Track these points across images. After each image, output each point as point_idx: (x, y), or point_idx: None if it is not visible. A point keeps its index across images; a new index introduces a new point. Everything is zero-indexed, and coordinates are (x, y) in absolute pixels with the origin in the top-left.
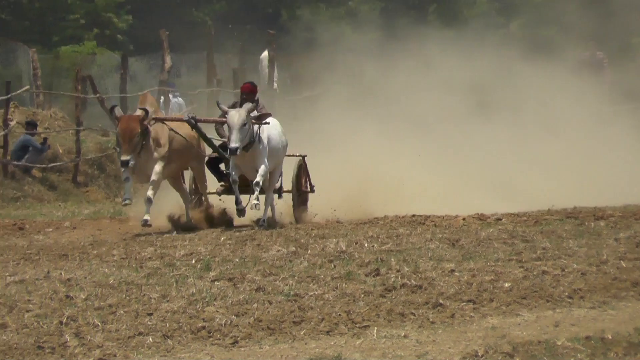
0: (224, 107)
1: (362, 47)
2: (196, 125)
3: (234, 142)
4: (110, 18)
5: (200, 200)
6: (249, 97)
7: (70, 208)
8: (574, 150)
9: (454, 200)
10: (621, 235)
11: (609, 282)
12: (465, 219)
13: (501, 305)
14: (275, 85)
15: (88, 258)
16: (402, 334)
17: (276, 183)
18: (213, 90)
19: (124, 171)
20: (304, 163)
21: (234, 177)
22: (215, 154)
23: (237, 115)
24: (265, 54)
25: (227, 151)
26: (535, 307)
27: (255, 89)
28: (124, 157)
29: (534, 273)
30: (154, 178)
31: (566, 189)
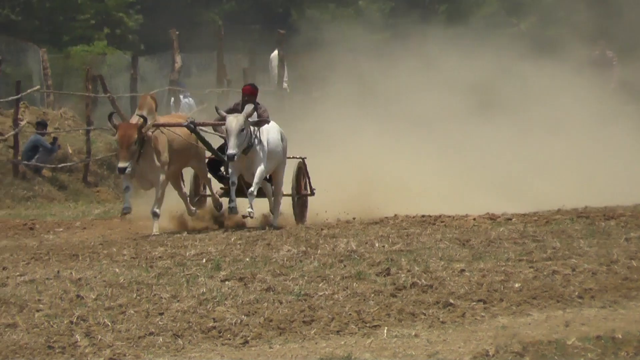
0: (222, 113)
1: (372, 47)
2: (195, 129)
3: (231, 148)
4: (120, 18)
5: (202, 200)
6: (250, 98)
7: (81, 208)
8: (581, 150)
9: (458, 201)
10: (632, 234)
11: (620, 281)
12: (475, 219)
13: (511, 305)
14: (286, 85)
15: (98, 258)
16: (413, 334)
17: (282, 185)
18: (223, 91)
19: (123, 179)
20: (304, 165)
21: (233, 179)
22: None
23: (235, 121)
24: (275, 53)
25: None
26: (545, 307)
27: (256, 90)
28: (122, 164)
29: (545, 273)
30: (158, 196)
31: (573, 189)
